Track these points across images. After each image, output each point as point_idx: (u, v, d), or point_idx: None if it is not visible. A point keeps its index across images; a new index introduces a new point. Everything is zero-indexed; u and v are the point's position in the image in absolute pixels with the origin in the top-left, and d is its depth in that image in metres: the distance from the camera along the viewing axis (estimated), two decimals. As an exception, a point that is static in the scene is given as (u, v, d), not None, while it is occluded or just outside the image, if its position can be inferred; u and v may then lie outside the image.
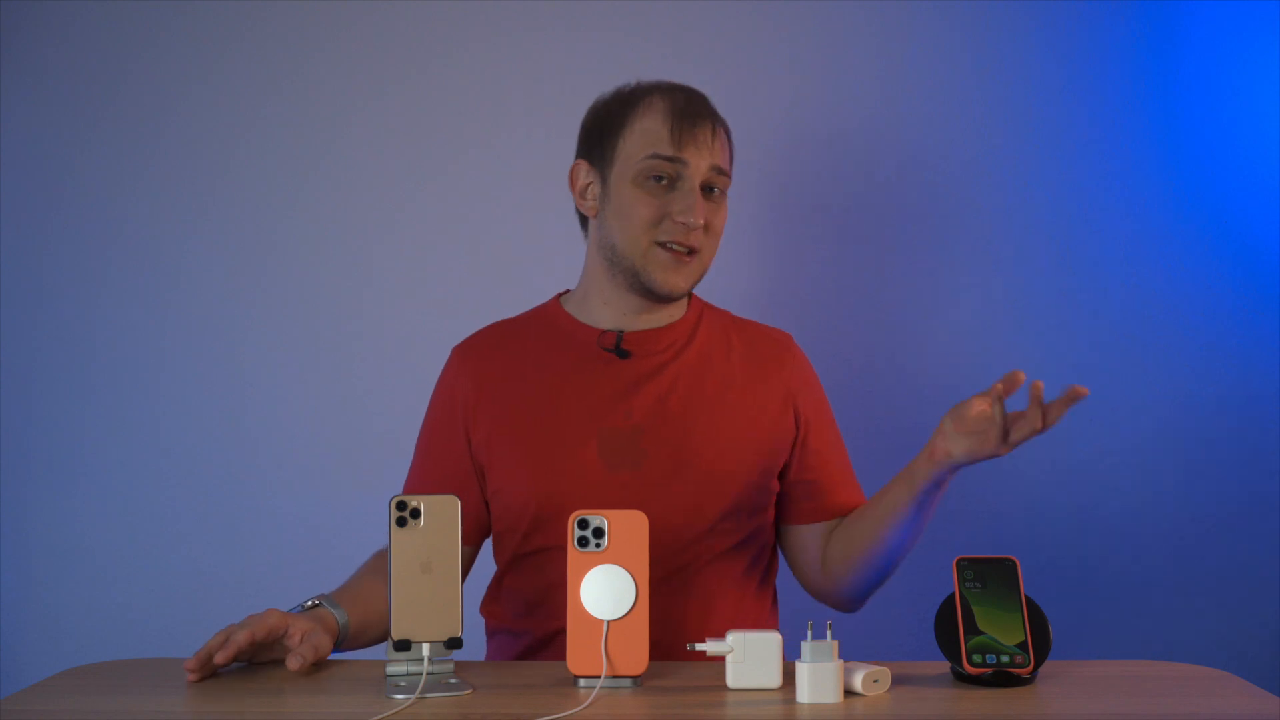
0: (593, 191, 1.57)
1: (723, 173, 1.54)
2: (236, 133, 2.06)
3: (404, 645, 1.21)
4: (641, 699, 1.19)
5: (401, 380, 2.02)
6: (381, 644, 1.28)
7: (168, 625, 2.03)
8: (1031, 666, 1.22)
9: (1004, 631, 1.23)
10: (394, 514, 1.23)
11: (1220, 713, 1.16)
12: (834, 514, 1.60)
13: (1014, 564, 1.27)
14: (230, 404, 2.06)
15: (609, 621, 1.22)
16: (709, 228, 1.53)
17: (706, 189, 1.53)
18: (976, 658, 1.22)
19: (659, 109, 1.53)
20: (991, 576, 1.26)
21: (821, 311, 2.04)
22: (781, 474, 1.59)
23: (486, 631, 1.62)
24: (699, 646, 1.21)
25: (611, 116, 1.56)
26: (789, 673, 1.20)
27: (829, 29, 2.03)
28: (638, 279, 1.53)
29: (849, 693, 1.19)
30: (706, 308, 1.65)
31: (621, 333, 1.57)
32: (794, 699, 1.17)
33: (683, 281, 1.54)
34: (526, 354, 1.59)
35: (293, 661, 1.25)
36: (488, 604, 1.61)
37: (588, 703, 1.16)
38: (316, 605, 1.36)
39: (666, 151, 1.51)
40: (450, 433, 1.58)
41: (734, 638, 1.21)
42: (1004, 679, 1.22)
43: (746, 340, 1.63)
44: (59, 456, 2.06)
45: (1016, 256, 2.03)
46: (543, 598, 1.52)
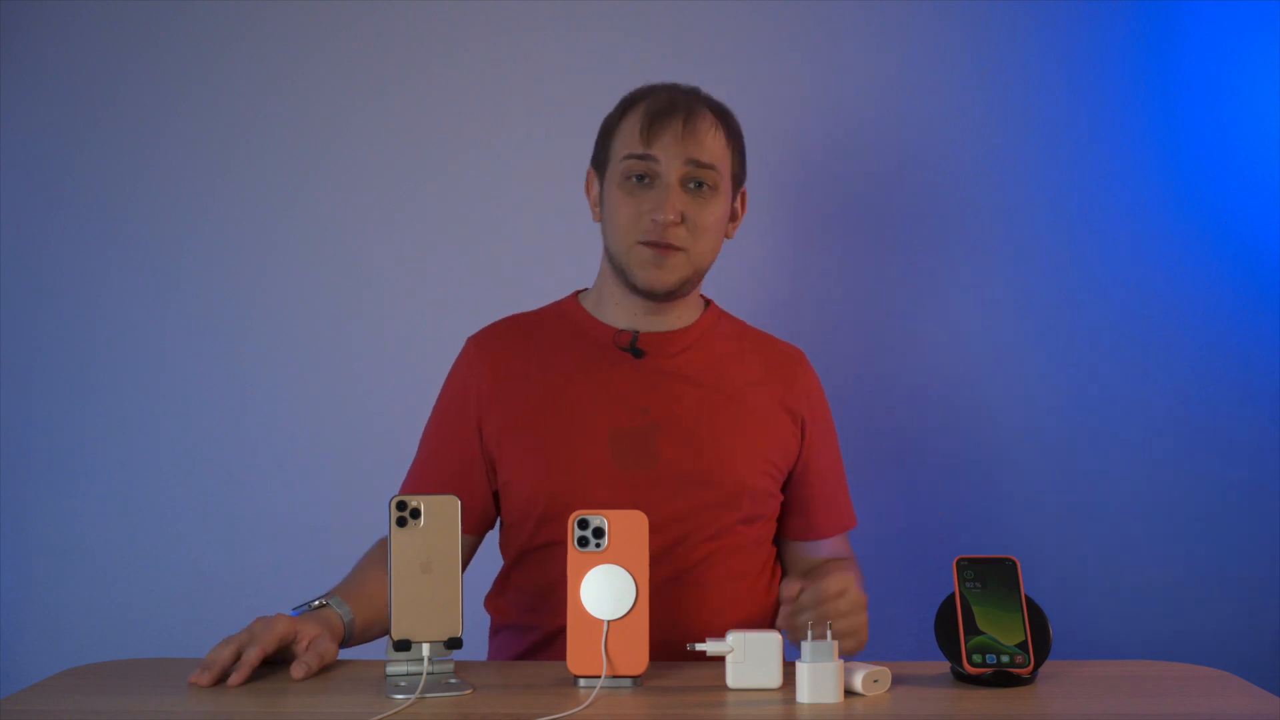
0: (598, 198, 1.59)
1: (705, 165, 1.51)
2: (236, 133, 2.06)
3: (404, 645, 1.21)
4: (641, 699, 1.19)
5: (401, 380, 2.02)
6: (382, 643, 1.28)
7: (168, 625, 2.03)
8: (1031, 666, 1.22)
9: (1004, 631, 1.23)
10: (394, 514, 1.23)
11: (1220, 713, 1.16)
12: (818, 534, 1.63)
13: (1014, 564, 1.27)
14: (230, 404, 2.06)
15: (609, 621, 1.22)
16: (692, 223, 1.51)
17: (692, 184, 1.51)
18: (976, 658, 1.22)
19: (640, 110, 1.54)
20: (991, 576, 1.26)
21: (820, 311, 2.04)
22: (782, 486, 1.60)
23: (490, 629, 1.62)
24: (699, 646, 1.21)
25: (609, 123, 1.58)
26: (789, 673, 1.21)
27: (829, 29, 2.03)
28: (627, 279, 1.54)
29: (849, 693, 1.19)
30: (722, 314, 1.65)
31: (637, 333, 1.57)
32: (794, 699, 1.17)
33: (666, 277, 1.52)
34: (543, 348, 1.58)
35: (297, 670, 1.25)
36: (493, 598, 1.60)
37: (588, 703, 1.16)
38: (323, 605, 1.36)
39: (637, 150, 1.51)
40: (462, 421, 1.57)
41: (734, 638, 1.21)
42: (1004, 679, 1.22)
43: (760, 351, 1.63)
44: (59, 456, 2.06)
45: (1016, 256, 2.03)
46: (550, 593, 1.50)
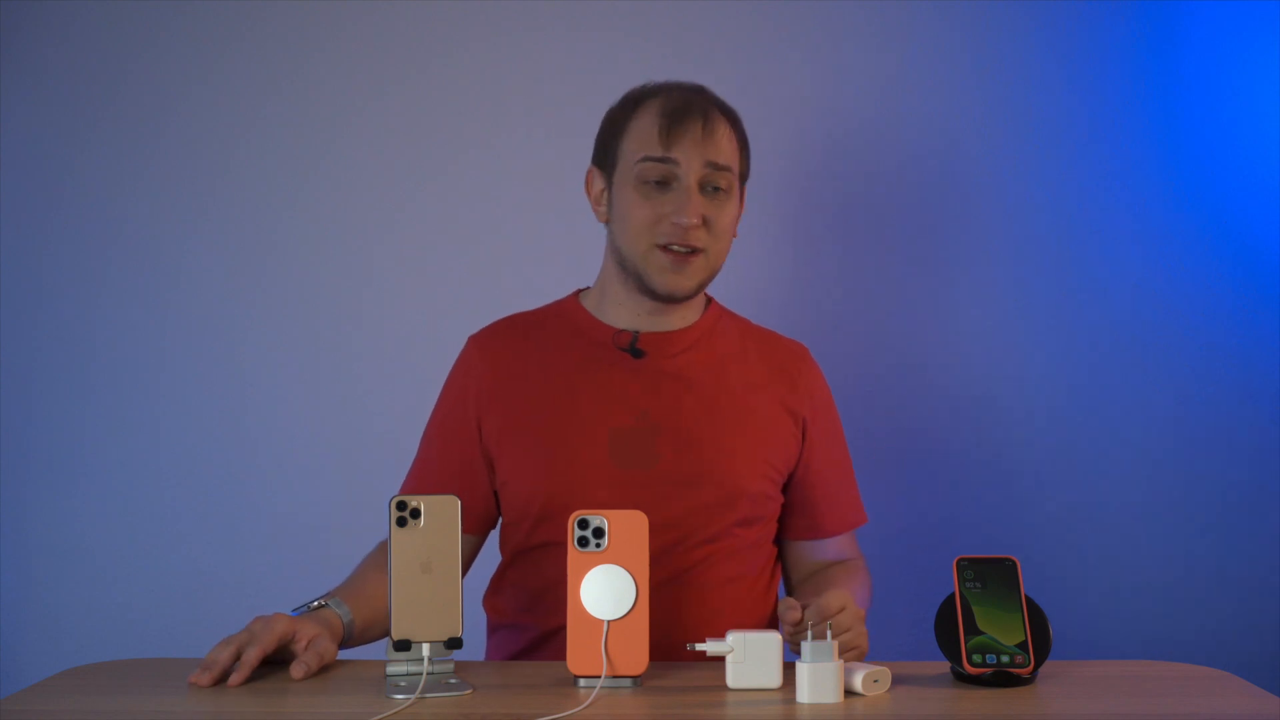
0: (603, 197, 1.57)
1: (722, 168, 1.52)
2: (236, 133, 2.06)
3: (404, 645, 1.21)
4: (641, 699, 1.19)
5: (401, 380, 2.02)
6: (382, 643, 1.28)
7: (168, 625, 2.03)
8: (1031, 666, 1.22)
9: (1004, 631, 1.23)
10: (394, 514, 1.23)
11: (1220, 713, 1.16)
12: (822, 534, 1.62)
13: (1014, 564, 1.27)
14: (230, 404, 2.06)
15: (609, 621, 1.22)
16: (711, 225, 1.51)
17: (708, 187, 1.52)
18: (976, 658, 1.22)
19: (653, 110, 1.53)
20: (991, 576, 1.26)
21: (820, 311, 2.04)
22: (783, 487, 1.60)
23: (488, 627, 1.62)
24: (699, 646, 1.21)
25: (615, 121, 1.57)
26: (789, 673, 1.20)
27: (829, 29, 2.03)
28: (642, 282, 1.53)
29: (849, 693, 1.19)
30: (724, 313, 1.64)
31: (637, 333, 1.57)
32: (794, 699, 1.17)
33: (685, 282, 1.52)
34: (543, 348, 1.58)
35: (297, 670, 1.25)
36: (490, 596, 1.60)
37: (588, 703, 1.16)
38: (322, 606, 1.36)
39: (656, 152, 1.50)
40: (462, 420, 1.57)
41: (734, 638, 1.21)
42: (1004, 679, 1.22)
43: (762, 349, 1.63)
44: (59, 456, 2.06)
45: (1016, 256, 2.03)
46: (546, 593, 1.50)
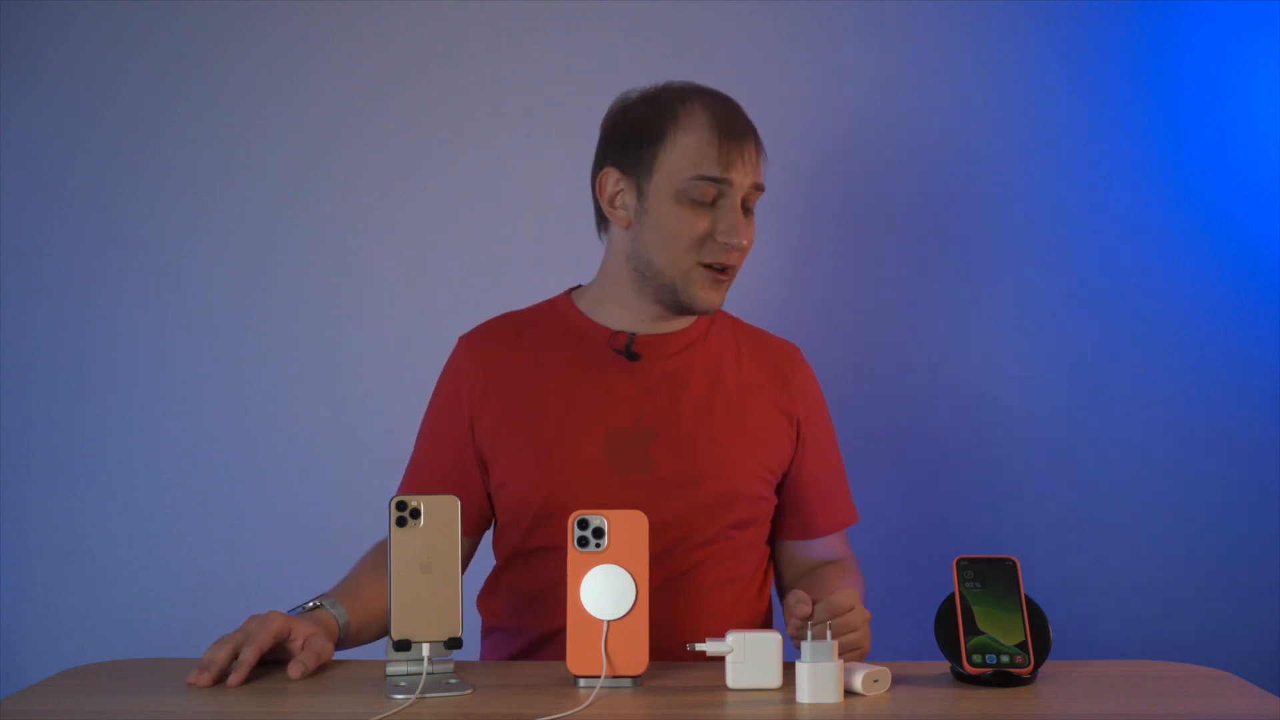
0: (624, 201, 1.52)
1: (759, 188, 1.52)
2: (236, 133, 2.06)
3: (404, 645, 1.21)
4: (641, 699, 1.19)
5: (401, 380, 2.02)
6: (381, 643, 1.28)
7: (168, 625, 2.03)
8: (1031, 666, 1.22)
9: (1004, 631, 1.23)
10: (394, 514, 1.23)
11: (1220, 713, 1.16)
12: (815, 533, 1.62)
13: (1014, 564, 1.27)
14: (230, 404, 2.06)
15: (609, 621, 1.22)
16: (747, 243, 1.51)
17: (745, 205, 1.51)
18: (976, 658, 1.22)
19: (703, 123, 1.48)
20: (991, 576, 1.26)
21: (819, 311, 2.04)
22: (776, 487, 1.60)
23: (482, 630, 1.62)
24: (699, 646, 1.21)
25: (649, 125, 1.50)
26: (789, 673, 1.20)
27: (829, 29, 2.03)
28: (674, 296, 1.51)
29: (849, 693, 1.19)
30: (718, 314, 1.63)
31: (633, 335, 1.56)
32: (794, 699, 1.17)
33: (721, 298, 1.53)
34: (536, 348, 1.57)
35: (294, 670, 1.25)
36: (485, 597, 1.60)
37: (588, 703, 1.16)
38: (318, 606, 1.36)
39: (713, 173, 1.47)
40: (455, 421, 1.56)
41: (734, 638, 1.21)
42: (1004, 679, 1.22)
43: (756, 350, 1.62)
44: (59, 456, 2.06)
45: (1016, 256, 2.03)
46: (542, 596, 1.50)
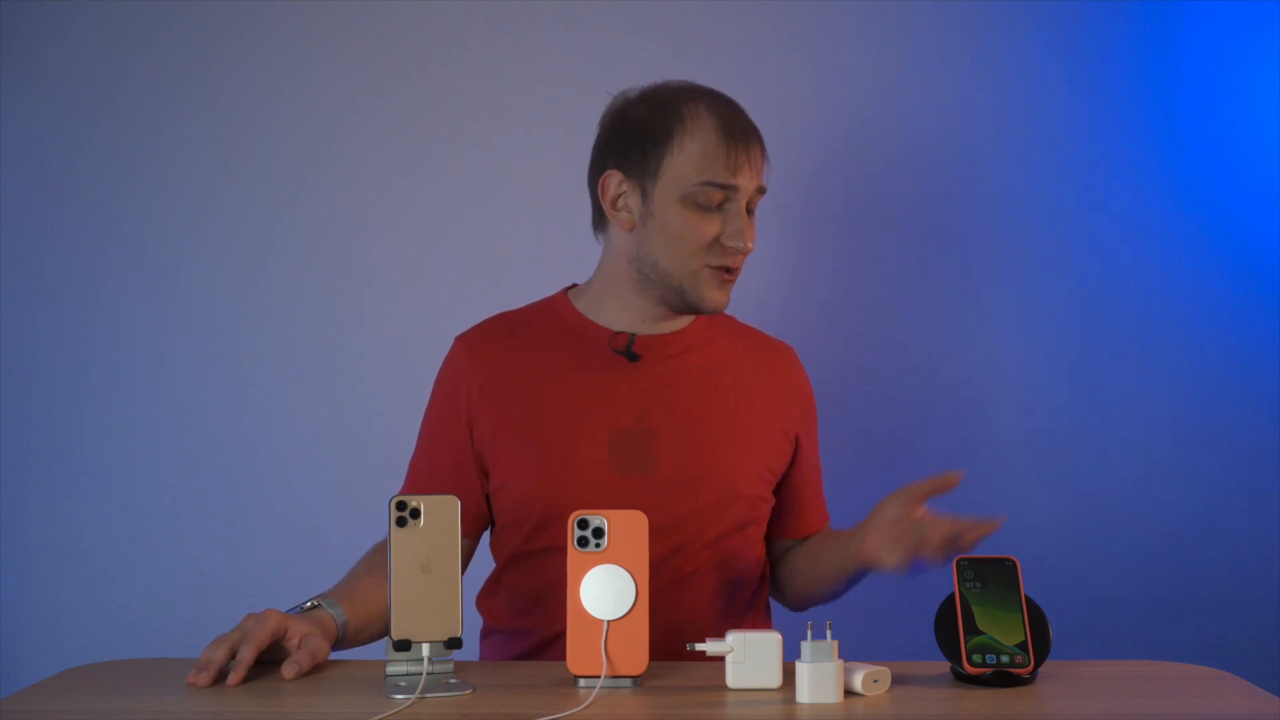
0: (628, 203, 1.52)
1: (762, 191, 1.53)
2: (236, 132, 2.06)
3: (404, 645, 1.21)
4: (641, 699, 1.19)
5: (401, 380, 2.02)
6: (381, 643, 1.28)
7: (168, 625, 2.03)
8: (1031, 666, 1.22)
9: (1004, 631, 1.23)
10: (394, 514, 1.23)
11: (1220, 713, 1.16)
12: (801, 533, 1.64)
13: (1014, 564, 1.27)
14: (230, 404, 2.06)
15: (609, 621, 1.22)
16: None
17: (749, 207, 1.52)
18: (976, 658, 1.22)
19: (709, 127, 1.48)
20: (991, 576, 1.26)
21: (819, 311, 2.04)
22: (773, 491, 1.60)
23: (481, 632, 1.62)
24: (699, 646, 1.21)
25: (653, 128, 1.49)
26: (789, 673, 1.20)
27: (829, 29, 2.03)
28: (681, 297, 1.51)
29: (849, 693, 1.19)
30: (715, 314, 1.63)
31: (634, 336, 1.55)
32: (794, 699, 1.17)
33: (727, 298, 1.53)
34: (534, 348, 1.56)
35: (288, 670, 1.25)
36: (484, 598, 1.60)
37: (588, 703, 1.16)
38: (315, 606, 1.35)
39: (721, 179, 1.47)
40: (454, 422, 1.55)
41: (734, 638, 1.21)
42: (1004, 679, 1.22)
43: (754, 351, 1.63)
44: (59, 456, 2.06)
45: (1016, 256, 2.03)
46: (544, 597, 1.50)
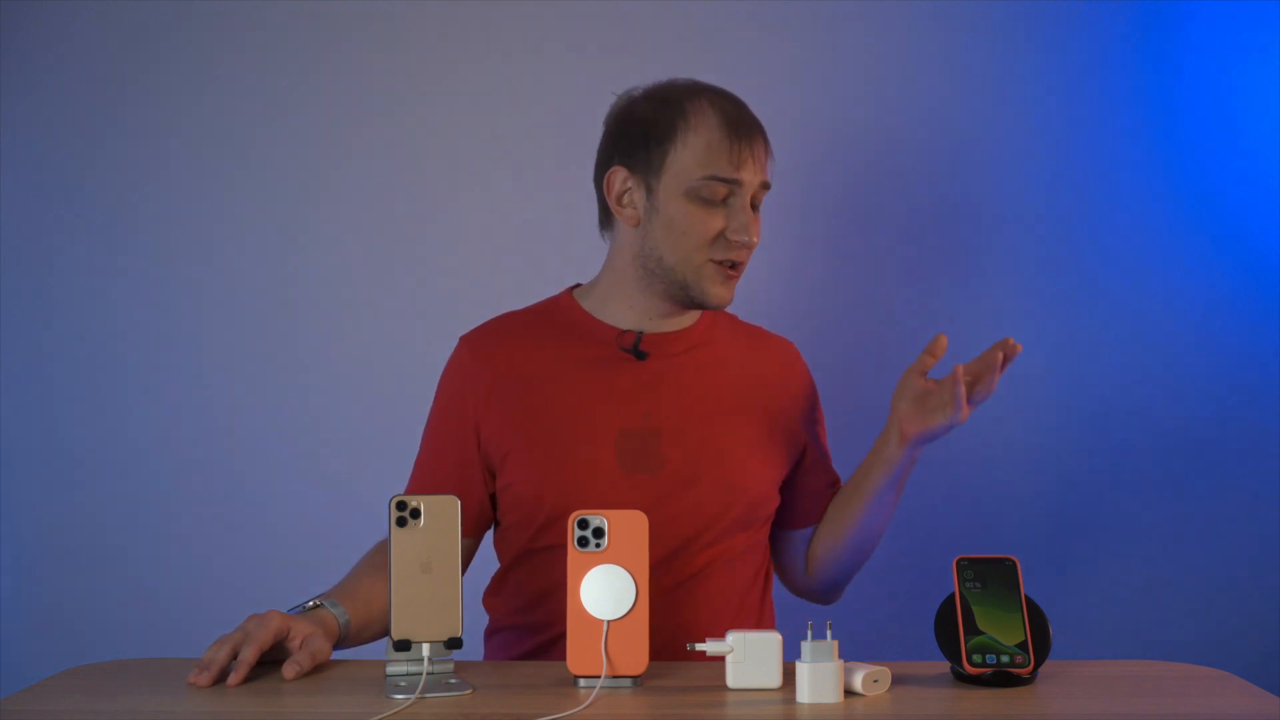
0: (633, 199, 1.52)
1: (767, 186, 1.53)
2: (239, 134, 2.06)
3: (404, 645, 1.21)
4: (641, 699, 1.19)
5: (402, 380, 2.02)
6: (381, 644, 1.28)
7: (168, 625, 2.03)
8: (1031, 666, 1.22)
9: (1004, 631, 1.23)
10: (394, 514, 1.23)
11: (1220, 713, 1.16)
12: (808, 523, 1.64)
13: (1014, 564, 1.27)
14: (232, 404, 2.05)
15: (609, 621, 1.22)
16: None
17: (753, 202, 1.52)
18: (976, 658, 1.22)
19: (713, 122, 1.49)
20: (991, 576, 1.26)
21: (818, 310, 2.04)
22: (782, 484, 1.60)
23: (486, 630, 1.62)
24: (699, 646, 1.21)
25: (657, 124, 1.50)
26: (789, 673, 1.20)
27: (829, 30, 2.03)
28: (686, 292, 1.51)
29: (849, 693, 1.19)
30: (719, 312, 1.63)
31: (641, 334, 1.55)
32: (794, 699, 1.17)
33: (731, 294, 1.53)
34: (540, 348, 1.55)
35: (289, 670, 1.25)
36: (490, 596, 1.60)
37: (588, 703, 1.16)
38: (317, 606, 1.36)
39: (725, 173, 1.47)
40: (459, 425, 1.55)
41: (734, 638, 1.21)
42: (1004, 679, 1.22)
43: (757, 348, 1.63)
44: (59, 456, 2.06)
45: (1016, 256, 2.03)
46: (550, 595, 1.49)
